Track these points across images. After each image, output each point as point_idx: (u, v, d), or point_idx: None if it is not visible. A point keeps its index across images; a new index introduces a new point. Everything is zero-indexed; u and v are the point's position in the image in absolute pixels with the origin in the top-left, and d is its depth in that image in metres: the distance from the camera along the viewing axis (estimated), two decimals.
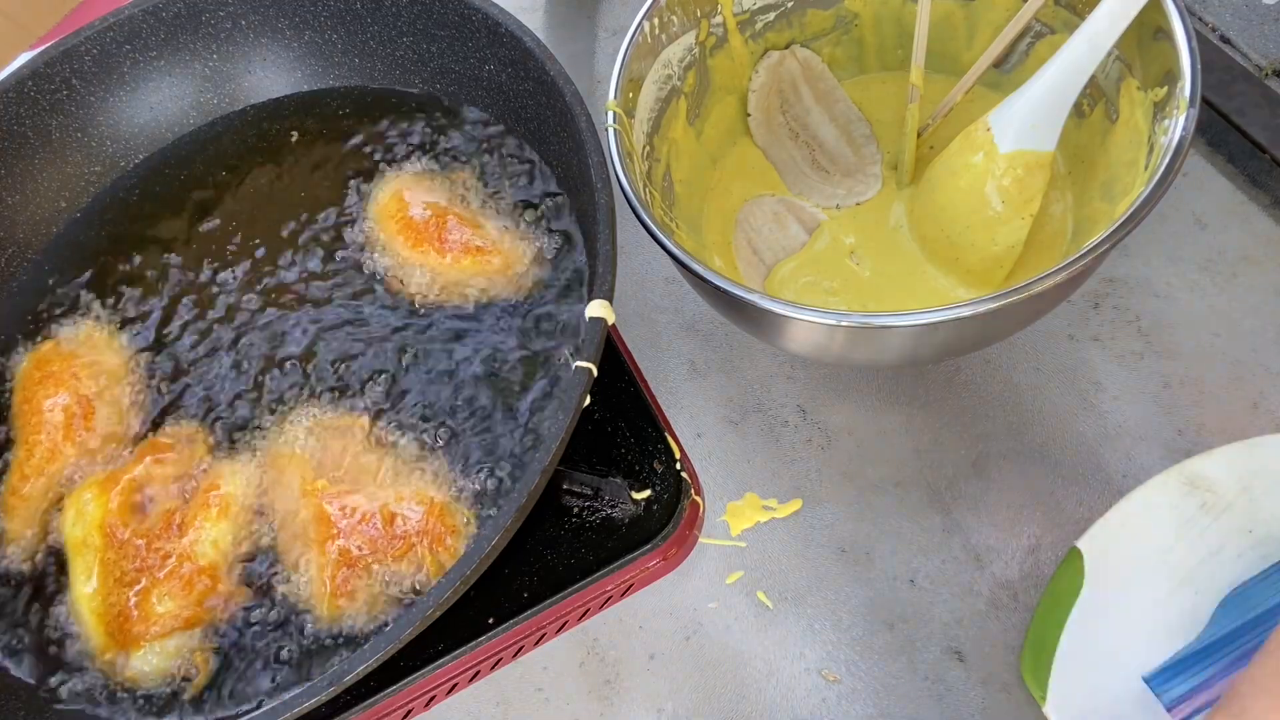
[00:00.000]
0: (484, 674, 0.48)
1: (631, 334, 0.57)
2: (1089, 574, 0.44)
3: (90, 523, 0.46)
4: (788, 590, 0.49)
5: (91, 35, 0.57)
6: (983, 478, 0.50)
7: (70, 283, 0.57)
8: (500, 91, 0.55)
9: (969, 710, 0.44)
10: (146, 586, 0.45)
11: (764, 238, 0.55)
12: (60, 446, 0.49)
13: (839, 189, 0.55)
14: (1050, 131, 0.46)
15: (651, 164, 0.52)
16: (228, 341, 0.53)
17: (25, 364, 0.53)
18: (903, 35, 0.57)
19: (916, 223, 0.52)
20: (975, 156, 0.48)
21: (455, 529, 0.44)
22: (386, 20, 0.58)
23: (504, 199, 0.54)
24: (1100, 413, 0.50)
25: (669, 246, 0.44)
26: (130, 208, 0.60)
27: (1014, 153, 0.47)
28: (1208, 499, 0.44)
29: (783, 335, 0.45)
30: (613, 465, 0.50)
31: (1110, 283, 0.54)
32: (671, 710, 0.47)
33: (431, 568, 0.44)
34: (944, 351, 0.47)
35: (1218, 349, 0.51)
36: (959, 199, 0.49)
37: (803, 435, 0.53)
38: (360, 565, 0.44)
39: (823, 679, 0.46)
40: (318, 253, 0.55)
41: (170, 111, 0.61)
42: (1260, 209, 0.54)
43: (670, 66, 0.53)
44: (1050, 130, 0.46)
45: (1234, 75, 0.57)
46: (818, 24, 0.57)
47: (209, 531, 0.46)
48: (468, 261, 0.51)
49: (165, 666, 0.44)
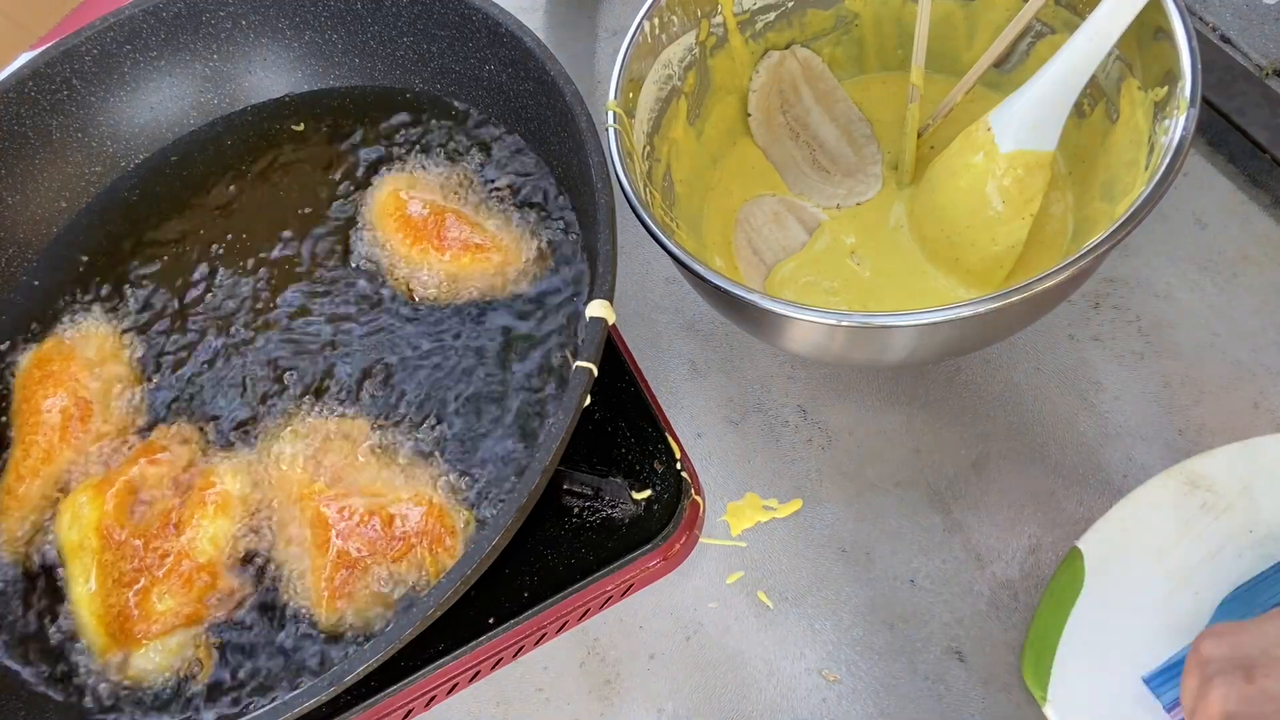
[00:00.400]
0: (484, 674, 0.48)
1: (631, 334, 0.57)
2: (1089, 574, 0.44)
3: (86, 525, 0.46)
4: (788, 590, 0.49)
5: (91, 35, 0.57)
6: (983, 478, 0.50)
7: (70, 283, 0.57)
8: (500, 91, 0.55)
9: (969, 710, 0.44)
10: (146, 585, 0.45)
11: (764, 238, 0.55)
12: (56, 447, 0.49)
13: (839, 189, 0.55)
14: (1051, 131, 0.46)
15: (652, 164, 0.52)
16: (226, 342, 0.53)
17: (27, 362, 0.53)
18: (903, 35, 0.57)
19: (917, 223, 0.52)
20: (975, 156, 0.48)
21: (454, 530, 0.44)
22: (386, 20, 0.58)
23: (504, 198, 0.54)
24: (1100, 413, 0.50)
25: (669, 246, 0.44)
26: (130, 208, 0.60)
27: (1014, 153, 0.47)
28: (1208, 499, 0.44)
29: (783, 335, 0.45)
30: (613, 465, 0.50)
31: (1110, 283, 0.54)
32: (671, 710, 0.47)
33: (431, 569, 0.44)
34: (944, 351, 0.47)
35: (1218, 349, 0.51)
36: (959, 199, 0.49)
37: (803, 435, 0.53)
38: (359, 567, 0.44)
39: (823, 679, 0.46)
40: (317, 252, 0.55)
41: (170, 111, 0.61)
42: (1260, 209, 0.54)
43: (670, 66, 0.53)
44: (1051, 130, 0.46)
45: (1234, 75, 0.57)
46: (818, 24, 0.57)
47: (207, 529, 0.46)
48: (467, 259, 0.51)
49: (168, 664, 0.44)
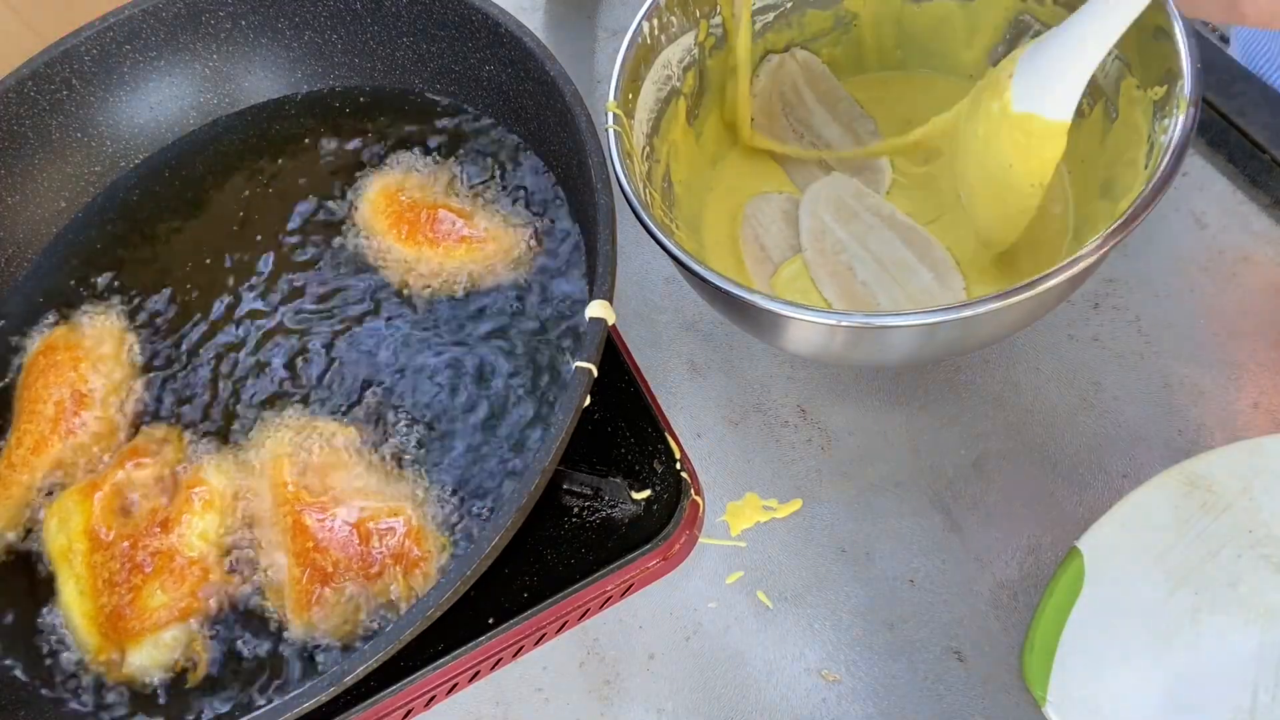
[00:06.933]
0: (484, 674, 0.48)
1: (631, 334, 0.57)
2: (1089, 574, 0.44)
3: (74, 530, 0.47)
4: (788, 590, 0.49)
5: (91, 35, 0.57)
6: (983, 478, 0.50)
7: (70, 283, 0.57)
8: (500, 91, 0.55)
9: (969, 710, 0.44)
10: (137, 584, 0.45)
11: (772, 235, 0.55)
12: (48, 439, 0.49)
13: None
14: (1066, 98, 0.43)
15: (651, 165, 0.52)
16: (221, 342, 0.53)
17: (35, 348, 0.54)
18: (902, 36, 0.57)
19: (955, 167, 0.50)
20: (993, 105, 0.45)
21: (429, 554, 0.44)
22: (386, 20, 0.58)
23: (503, 196, 0.54)
24: (1100, 413, 0.50)
25: (669, 247, 0.44)
26: (130, 208, 0.60)
27: (1026, 115, 0.44)
28: (1207, 499, 0.44)
29: (783, 335, 0.45)
30: (613, 465, 0.50)
31: (1110, 283, 0.54)
32: (671, 710, 0.47)
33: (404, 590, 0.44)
34: (944, 351, 0.47)
35: (1218, 349, 0.51)
36: (978, 149, 0.47)
37: (803, 435, 0.53)
38: (333, 580, 0.44)
39: (823, 679, 0.46)
40: (316, 252, 0.55)
41: (170, 111, 0.61)
42: (1260, 209, 0.54)
43: (670, 67, 0.53)
44: (1066, 96, 0.43)
45: (1234, 75, 0.57)
46: (817, 24, 0.57)
47: (196, 525, 0.46)
48: (461, 251, 0.51)
49: (164, 659, 0.44)
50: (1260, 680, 0.41)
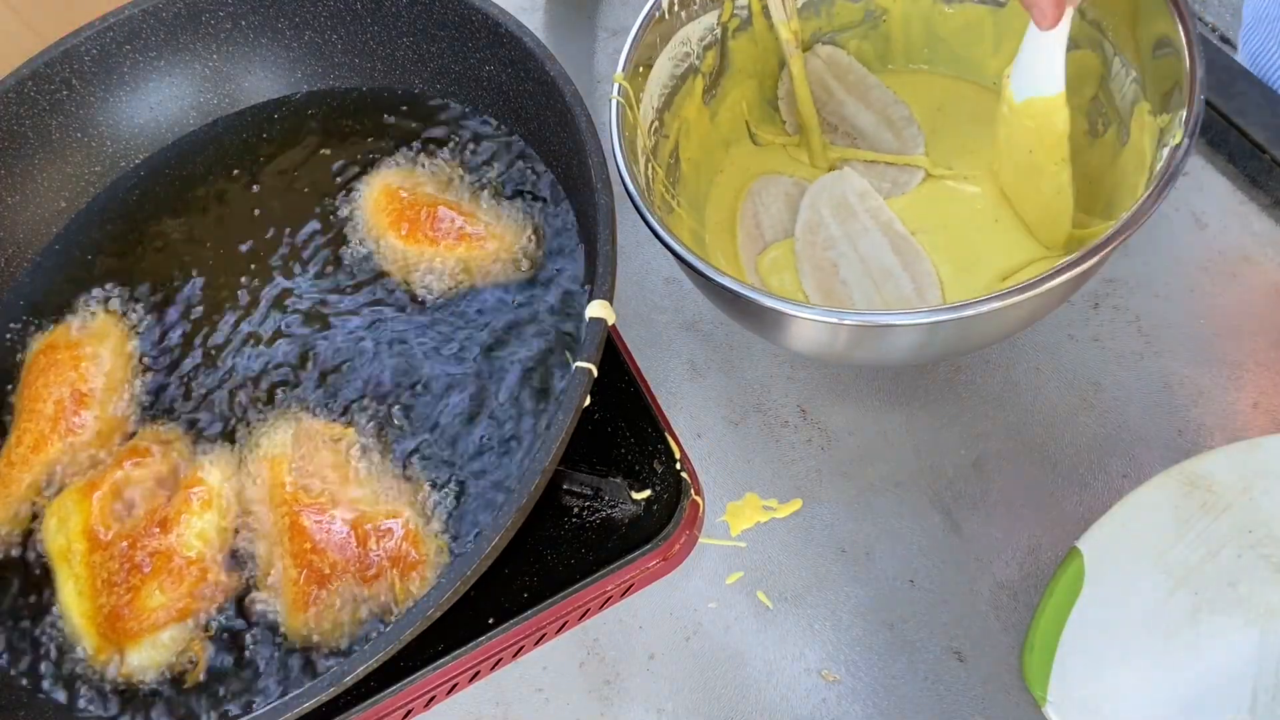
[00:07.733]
0: (484, 674, 0.48)
1: (631, 334, 0.57)
2: (1089, 574, 0.44)
3: (73, 530, 0.47)
4: (788, 590, 0.49)
5: (91, 35, 0.57)
6: (983, 478, 0.50)
7: (69, 283, 0.57)
8: (500, 91, 0.55)
9: (969, 710, 0.44)
10: (136, 584, 0.45)
11: (771, 215, 0.55)
12: (48, 438, 0.49)
13: (883, 181, 0.56)
14: (1050, 72, 0.46)
15: (659, 140, 0.51)
16: (221, 342, 0.53)
17: (36, 347, 0.54)
18: (930, 36, 0.57)
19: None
20: (1004, 108, 0.49)
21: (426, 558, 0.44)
22: (386, 20, 0.58)
23: (502, 196, 0.54)
24: (1100, 413, 0.50)
25: (668, 241, 0.44)
26: (130, 208, 0.60)
27: (1027, 101, 0.47)
28: (1208, 499, 0.44)
29: (783, 333, 0.45)
30: (613, 465, 0.50)
31: (1110, 283, 0.54)
32: (671, 710, 0.47)
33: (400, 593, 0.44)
34: (944, 351, 0.47)
35: (1217, 349, 0.51)
36: (1005, 151, 0.51)
37: (803, 435, 0.53)
38: (329, 583, 0.44)
39: (823, 679, 0.46)
40: (316, 251, 0.55)
41: (170, 111, 0.61)
42: (1260, 209, 0.54)
43: (689, 44, 0.53)
44: (1050, 71, 0.46)
45: (1234, 75, 0.57)
46: (846, 16, 0.57)
47: (195, 524, 0.46)
48: (462, 248, 0.51)
49: (163, 659, 0.44)
50: (1260, 680, 0.41)
